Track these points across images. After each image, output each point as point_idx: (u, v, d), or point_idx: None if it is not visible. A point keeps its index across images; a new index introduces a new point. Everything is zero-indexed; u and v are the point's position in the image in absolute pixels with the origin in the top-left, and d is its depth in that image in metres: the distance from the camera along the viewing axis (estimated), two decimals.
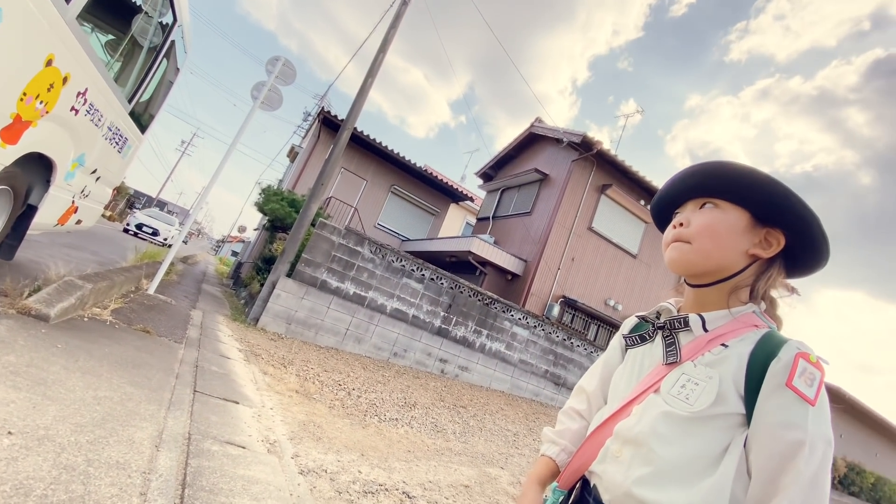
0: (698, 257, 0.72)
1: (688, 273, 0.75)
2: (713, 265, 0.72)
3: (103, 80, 3.06)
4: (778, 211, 0.70)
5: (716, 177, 0.74)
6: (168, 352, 3.31)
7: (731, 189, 0.73)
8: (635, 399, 0.71)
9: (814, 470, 0.56)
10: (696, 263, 0.73)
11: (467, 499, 2.70)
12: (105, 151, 3.68)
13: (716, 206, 0.74)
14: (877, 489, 15.98)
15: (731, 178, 0.73)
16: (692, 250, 0.73)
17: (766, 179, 0.70)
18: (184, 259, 14.41)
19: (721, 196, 0.74)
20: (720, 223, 0.72)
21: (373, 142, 12.11)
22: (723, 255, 0.72)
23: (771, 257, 0.72)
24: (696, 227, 0.74)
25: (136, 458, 1.72)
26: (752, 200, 0.72)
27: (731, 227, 0.72)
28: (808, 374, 0.60)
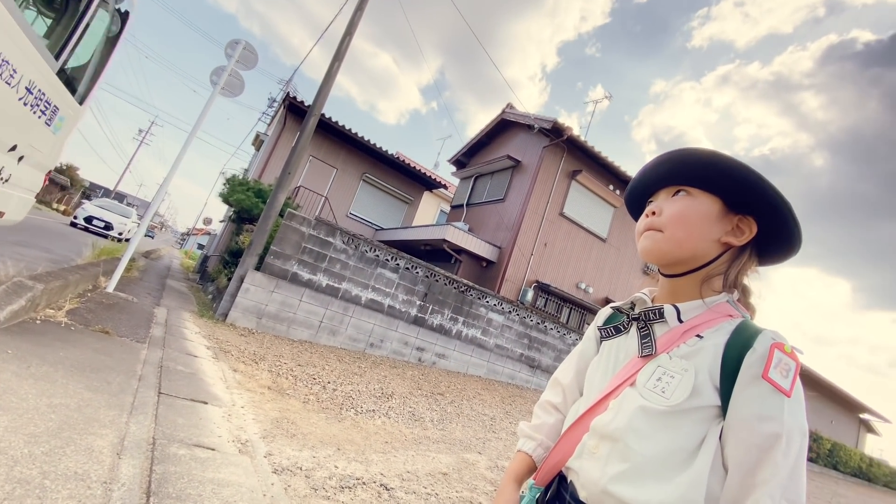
0: (670, 246, 0.71)
1: (661, 262, 0.74)
2: (686, 254, 0.71)
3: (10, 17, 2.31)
4: (750, 198, 0.70)
5: (687, 164, 0.73)
6: (129, 353, 3.17)
7: (702, 176, 0.72)
8: (611, 393, 0.70)
9: (791, 462, 0.56)
10: (669, 252, 0.72)
11: (445, 486, 2.73)
12: (25, 121, 2.87)
13: (688, 193, 0.73)
14: (833, 454, 17.17)
15: (702, 165, 0.72)
16: (664, 239, 0.72)
17: (738, 166, 0.70)
18: (146, 254, 13.80)
19: (693, 184, 0.73)
20: (692, 211, 0.71)
21: (342, 128, 11.81)
22: (695, 244, 0.71)
23: (742, 245, 0.72)
24: (668, 215, 0.72)
25: (95, 468, 1.64)
26: (724, 187, 0.71)
27: (703, 214, 0.71)
28: (784, 365, 0.60)
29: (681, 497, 0.58)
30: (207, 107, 5.50)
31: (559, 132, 10.27)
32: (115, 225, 13.92)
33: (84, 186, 29.22)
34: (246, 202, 8.52)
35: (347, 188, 12.70)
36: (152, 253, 15.82)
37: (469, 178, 13.45)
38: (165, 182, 5.95)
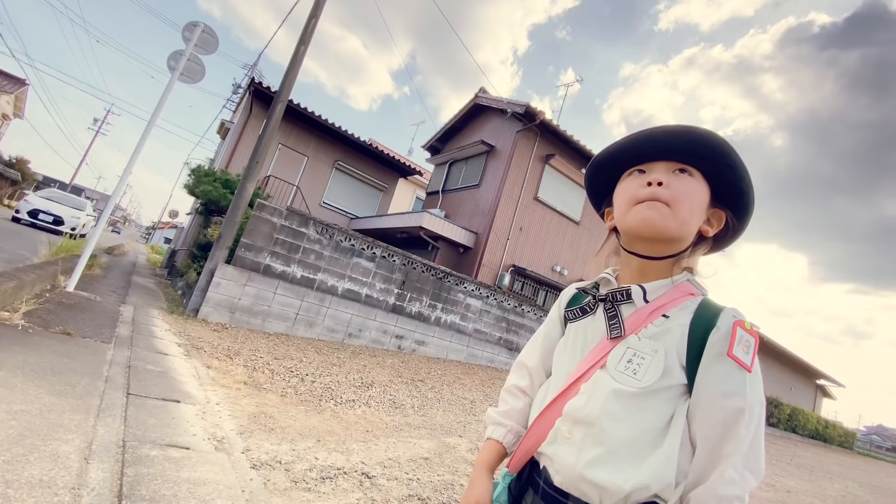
0: (676, 223, 0.69)
1: (658, 237, 0.70)
2: (683, 234, 0.70)
3: None
4: (736, 196, 0.72)
5: (702, 145, 0.70)
6: (94, 354, 3.04)
7: (710, 162, 0.71)
8: (582, 376, 0.70)
9: (753, 434, 0.60)
10: (673, 230, 0.69)
11: (427, 471, 2.76)
12: None
13: (691, 175, 0.72)
14: (792, 418, 18.28)
15: (715, 152, 0.70)
16: (672, 215, 0.68)
17: (741, 163, 0.70)
18: (109, 250, 13.23)
19: (698, 166, 0.72)
20: (697, 193, 0.71)
21: (311, 115, 11.50)
22: (692, 227, 0.71)
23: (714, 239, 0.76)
24: (678, 192, 0.69)
25: (62, 475, 1.58)
26: (721, 179, 0.71)
27: (702, 199, 0.71)
28: (745, 342, 0.62)
29: (654, 475, 0.60)
30: (166, 94, 5.24)
31: (532, 116, 10.29)
32: (66, 219, 12.11)
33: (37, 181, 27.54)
34: (213, 193, 8.24)
35: (320, 176, 12.43)
36: (116, 249, 15.17)
37: (444, 164, 13.37)
38: (125, 173, 5.68)
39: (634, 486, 0.60)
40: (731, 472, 0.58)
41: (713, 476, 0.58)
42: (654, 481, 0.59)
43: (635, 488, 0.60)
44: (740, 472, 0.58)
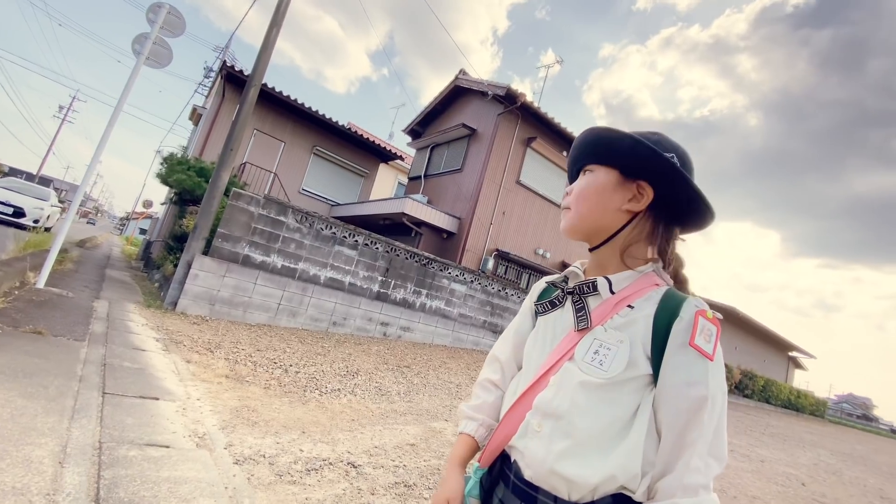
0: (576, 220, 0.77)
1: (573, 237, 0.78)
2: (591, 225, 0.76)
3: None
4: (638, 164, 0.72)
5: (585, 144, 0.78)
6: (67, 353, 2.95)
7: (596, 153, 0.76)
8: (551, 369, 0.71)
9: (715, 421, 0.61)
10: (576, 226, 0.77)
11: (413, 457, 2.79)
12: None
13: (591, 171, 0.77)
14: (766, 390, 19.09)
15: (593, 143, 0.76)
16: (571, 215, 0.77)
17: (616, 135, 0.73)
18: (80, 243, 12.79)
19: (592, 161, 0.77)
20: (590, 185, 0.76)
21: (287, 98, 11.17)
22: (597, 215, 0.74)
23: (657, 214, 0.74)
24: (573, 194, 0.78)
25: (36, 480, 1.54)
26: (613, 158, 0.74)
27: (600, 186, 0.75)
28: (707, 331, 0.63)
29: (620, 467, 0.61)
30: (132, 79, 5.00)
31: (513, 99, 10.20)
32: (27, 210, 10.97)
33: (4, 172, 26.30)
34: (187, 182, 7.99)
35: (298, 163, 12.16)
36: (88, 241, 14.68)
37: (425, 148, 13.22)
38: (93, 161, 5.45)
39: (601, 479, 0.61)
40: (695, 461, 0.59)
41: (678, 465, 0.59)
42: (621, 472, 0.61)
43: (602, 480, 0.61)
44: (705, 460, 0.59)
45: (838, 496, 4.68)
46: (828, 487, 5.01)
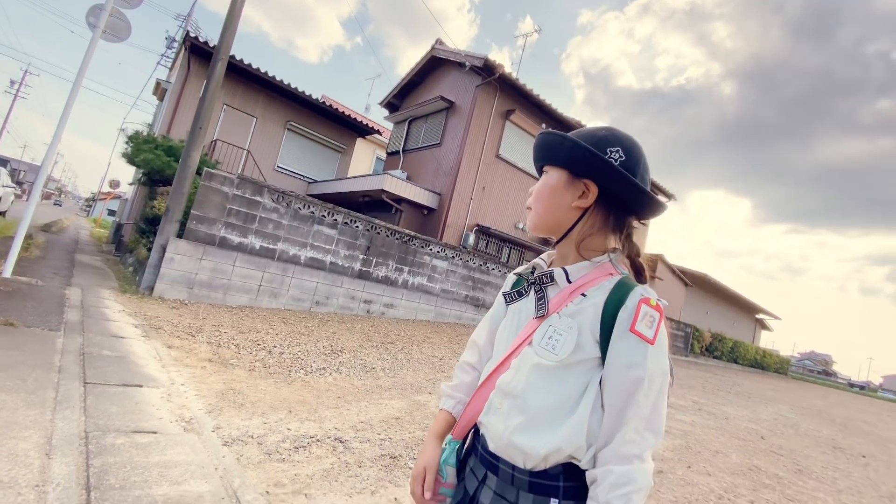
0: (536, 219, 0.83)
1: (537, 233, 0.85)
2: (549, 223, 0.82)
3: None
4: (579, 164, 0.77)
5: (537, 148, 0.84)
6: (43, 344, 2.91)
7: (546, 156, 0.83)
8: (513, 352, 0.78)
9: (653, 400, 0.67)
10: (538, 225, 0.84)
11: (399, 429, 2.90)
12: None
13: (546, 172, 0.84)
14: (734, 350, 20.15)
15: (543, 146, 0.83)
16: (532, 214, 0.84)
17: (559, 139, 0.78)
18: (46, 227, 12.28)
19: (547, 163, 0.83)
20: (544, 187, 0.82)
21: (257, 71, 10.71)
22: (552, 214, 0.81)
23: (607, 208, 0.79)
24: (533, 195, 0.85)
25: (23, 473, 1.56)
26: (560, 160, 0.80)
27: (552, 187, 0.81)
28: (649, 318, 0.68)
29: (567, 439, 0.68)
30: (89, 55, 4.72)
31: (491, 70, 10.03)
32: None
33: None
34: (156, 162, 7.70)
35: (271, 139, 11.80)
36: (54, 225, 14.09)
37: (403, 121, 12.97)
38: (54, 141, 5.18)
39: (550, 450, 0.69)
40: (630, 434, 0.66)
41: (616, 438, 0.66)
42: (567, 444, 0.68)
43: (550, 451, 0.69)
44: (640, 434, 0.66)
45: (794, 447, 5.07)
46: (785, 440, 5.42)
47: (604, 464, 0.66)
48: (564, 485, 0.70)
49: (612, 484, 0.64)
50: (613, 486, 0.63)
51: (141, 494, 1.58)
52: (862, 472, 4.68)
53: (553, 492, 0.70)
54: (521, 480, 0.72)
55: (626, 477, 0.64)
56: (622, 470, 0.64)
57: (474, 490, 0.77)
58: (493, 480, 0.75)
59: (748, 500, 2.97)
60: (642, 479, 0.65)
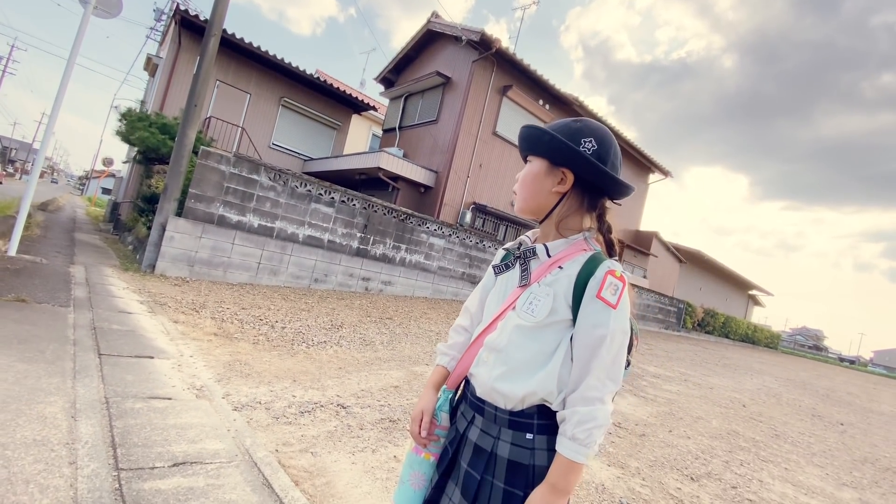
0: (520, 203, 0.96)
1: (523, 215, 0.98)
2: (532, 206, 0.94)
3: None
4: (557, 154, 0.89)
5: (521, 140, 0.96)
6: (55, 318, 3.04)
7: (530, 146, 0.94)
8: (499, 316, 0.92)
9: (613, 354, 0.80)
10: (522, 208, 0.96)
11: (397, 396, 3.08)
12: None
13: (530, 161, 0.95)
14: (726, 325, 20.56)
15: (525, 138, 0.94)
16: (517, 199, 0.96)
17: (539, 132, 0.90)
18: (42, 206, 12.27)
19: (530, 153, 0.95)
20: (527, 175, 0.94)
21: (250, 46, 10.53)
22: (535, 198, 0.93)
23: (582, 192, 0.92)
24: (522, 178, 0.96)
25: (54, 433, 1.71)
26: (541, 150, 0.92)
27: (534, 175, 0.93)
28: (613, 286, 0.81)
29: (540, 385, 0.83)
30: (81, 32, 4.68)
31: (488, 45, 9.90)
32: None
33: None
34: (151, 140, 7.67)
35: (266, 115, 11.69)
36: (50, 204, 14.06)
37: (399, 97, 12.83)
38: (51, 121, 5.18)
39: (525, 393, 0.83)
40: (594, 381, 0.79)
41: (581, 385, 0.80)
42: (540, 389, 0.83)
43: (526, 394, 0.83)
44: (602, 381, 0.79)
45: (774, 415, 5.33)
46: (766, 408, 5.69)
47: (571, 405, 0.80)
48: (538, 422, 0.84)
49: (578, 421, 0.77)
50: (579, 423, 0.77)
51: (162, 451, 1.73)
52: (838, 437, 4.94)
53: (528, 428, 0.84)
54: (502, 419, 0.86)
55: (589, 415, 0.77)
56: (586, 410, 0.77)
57: (464, 429, 0.92)
58: (480, 420, 0.89)
59: (723, 461, 3.19)
60: (602, 417, 0.78)
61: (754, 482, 2.90)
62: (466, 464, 0.88)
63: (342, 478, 1.87)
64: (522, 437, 0.84)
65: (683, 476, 2.73)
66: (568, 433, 0.77)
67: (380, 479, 1.93)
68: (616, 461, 2.71)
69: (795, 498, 2.79)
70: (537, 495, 0.77)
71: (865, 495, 3.16)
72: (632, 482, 2.47)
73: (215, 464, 1.73)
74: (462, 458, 0.90)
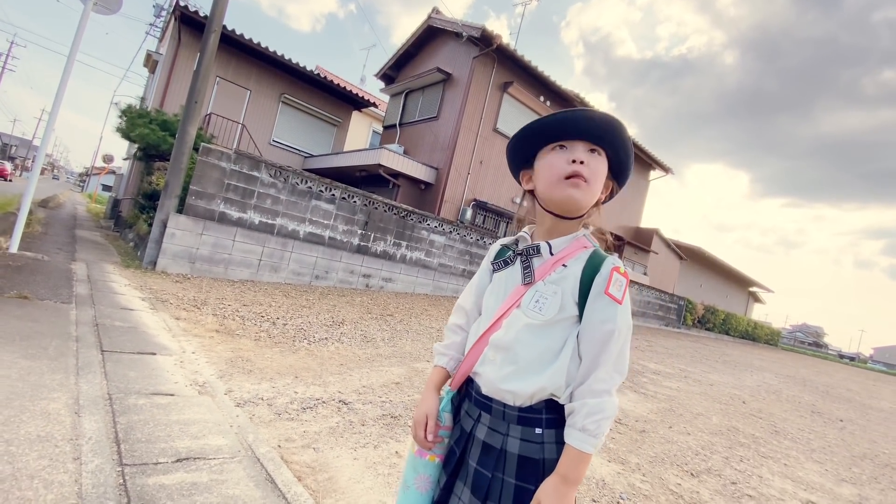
0: (590, 198, 0.88)
1: (578, 211, 0.89)
2: (590, 204, 0.90)
3: None
4: (622, 171, 0.93)
5: (611, 131, 0.88)
6: (57, 315, 3.05)
7: (615, 145, 0.89)
8: (504, 314, 0.91)
9: (620, 347, 0.82)
10: (587, 203, 0.89)
11: (399, 393, 3.09)
12: None
13: (598, 153, 0.89)
14: (726, 322, 20.57)
15: (619, 138, 0.89)
16: (588, 191, 0.87)
17: (631, 144, 0.91)
18: (43, 203, 12.28)
19: (606, 147, 0.90)
20: (603, 171, 0.90)
21: (250, 42, 10.51)
22: (595, 197, 0.91)
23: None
24: (594, 170, 0.87)
25: (58, 429, 1.72)
26: (618, 159, 0.92)
27: (605, 175, 0.92)
28: (618, 282, 0.84)
29: (550, 381, 0.84)
30: (81, 29, 4.67)
31: (488, 41, 9.87)
32: None
33: None
34: (151, 137, 7.66)
35: (266, 112, 11.67)
36: (51, 201, 14.07)
37: (399, 94, 12.81)
38: (51, 119, 5.18)
39: (535, 390, 0.84)
40: (602, 374, 0.81)
41: (590, 378, 0.82)
42: (550, 385, 0.83)
43: (536, 391, 0.84)
44: (609, 374, 0.82)
45: (773, 411, 5.35)
46: (766, 404, 5.70)
47: (580, 398, 0.81)
48: (546, 416, 0.85)
49: (588, 413, 0.79)
50: (588, 414, 0.79)
51: (166, 447, 1.74)
52: (837, 434, 4.96)
53: (538, 423, 0.85)
54: (511, 415, 0.86)
55: (597, 407, 0.79)
56: (595, 402, 0.80)
57: (470, 428, 0.92)
58: (487, 418, 0.90)
59: (723, 457, 3.20)
60: (610, 408, 0.80)
61: (754, 478, 2.91)
62: (475, 462, 0.88)
63: (344, 473, 1.88)
64: (532, 432, 0.85)
65: (683, 472, 2.74)
66: (578, 424, 0.79)
67: (382, 474, 1.94)
68: (616, 457, 2.73)
69: (795, 493, 2.81)
70: (549, 486, 0.79)
71: (864, 491, 3.18)
72: (632, 478, 2.48)
73: (218, 459, 1.74)
74: (470, 458, 0.90)
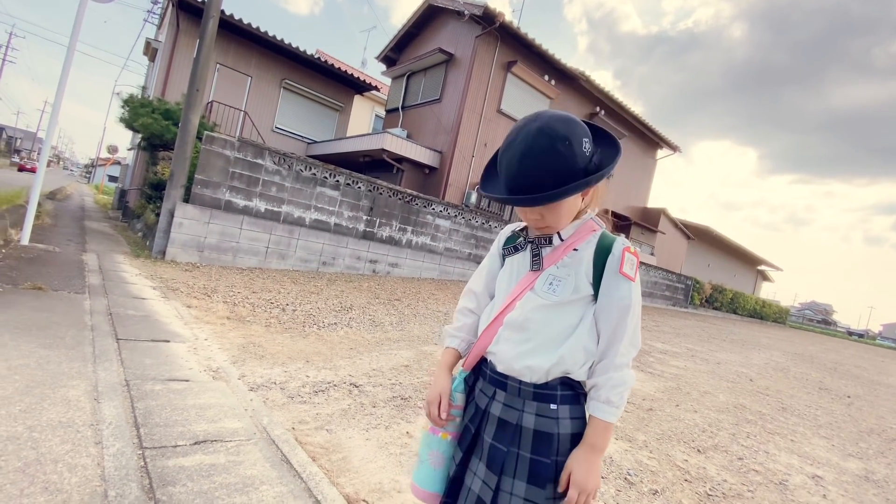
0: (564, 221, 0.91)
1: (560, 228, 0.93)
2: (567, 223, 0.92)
3: None
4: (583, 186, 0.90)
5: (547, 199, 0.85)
6: (72, 305, 3.11)
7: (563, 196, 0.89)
8: (518, 297, 0.94)
9: (634, 322, 0.88)
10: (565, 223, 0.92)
11: (408, 375, 3.14)
12: None
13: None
14: (734, 301, 20.50)
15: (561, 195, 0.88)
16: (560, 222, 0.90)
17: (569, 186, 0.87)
18: (51, 195, 12.38)
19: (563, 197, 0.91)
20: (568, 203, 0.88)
21: (249, 27, 10.36)
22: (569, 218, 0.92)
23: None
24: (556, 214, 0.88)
25: (78, 415, 1.77)
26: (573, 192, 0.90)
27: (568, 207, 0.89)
28: (630, 261, 0.89)
29: (567, 357, 0.88)
30: (80, 17, 4.63)
31: (491, 19, 9.65)
32: None
33: None
34: (154, 127, 7.66)
35: (268, 98, 11.58)
36: (58, 193, 14.18)
37: (401, 76, 12.63)
38: (55, 111, 5.19)
39: (551, 365, 0.88)
40: (622, 349, 0.87)
41: (610, 352, 0.88)
42: (566, 359, 0.88)
43: (552, 366, 0.88)
44: (627, 348, 0.87)
45: (780, 388, 5.36)
46: (773, 382, 5.72)
47: (604, 372, 0.87)
48: (561, 393, 0.89)
49: (612, 385, 0.85)
50: (613, 387, 0.85)
51: (183, 430, 1.79)
52: (844, 410, 4.98)
53: (552, 399, 0.89)
54: (526, 392, 0.90)
55: (620, 380, 0.86)
56: (618, 375, 0.86)
57: (485, 405, 0.95)
58: (502, 395, 0.92)
59: (730, 433, 3.23)
60: (630, 380, 0.87)
61: (760, 454, 2.94)
62: (491, 438, 0.92)
63: (357, 453, 1.93)
64: (547, 408, 0.88)
65: (690, 448, 2.78)
66: (602, 397, 0.86)
67: (393, 454, 1.99)
68: (624, 435, 2.77)
69: (801, 468, 2.84)
70: (580, 454, 0.85)
71: (871, 465, 3.20)
72: (639, 455, 2.52)
73: (235, 441, 1.79)
74: (485, 434, 0.93)
